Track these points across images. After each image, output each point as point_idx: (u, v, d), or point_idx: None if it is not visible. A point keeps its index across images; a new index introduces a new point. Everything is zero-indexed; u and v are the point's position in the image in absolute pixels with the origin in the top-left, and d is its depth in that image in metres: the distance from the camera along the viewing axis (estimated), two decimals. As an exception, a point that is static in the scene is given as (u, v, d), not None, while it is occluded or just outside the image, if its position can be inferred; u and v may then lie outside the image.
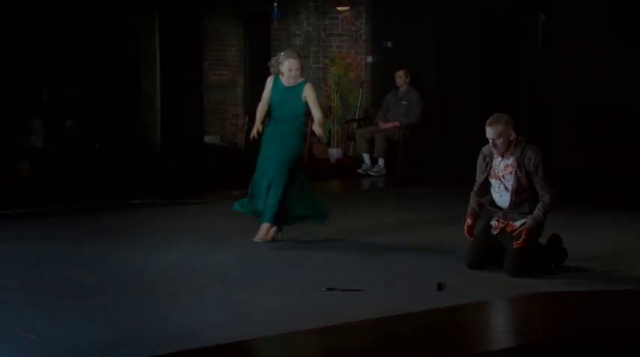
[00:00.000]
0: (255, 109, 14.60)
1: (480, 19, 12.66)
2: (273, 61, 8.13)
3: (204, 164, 12.74)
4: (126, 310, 6.00)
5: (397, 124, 12.48)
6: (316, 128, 8.02)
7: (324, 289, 6.45)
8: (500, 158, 6.99)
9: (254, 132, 8.08)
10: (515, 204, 6.94)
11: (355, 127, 13.37)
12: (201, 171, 12.18)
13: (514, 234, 6.86)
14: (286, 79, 7.99)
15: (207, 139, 14.94)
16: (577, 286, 6.67)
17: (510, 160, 6.93)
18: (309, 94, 7.98)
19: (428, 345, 5.32)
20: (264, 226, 7.96)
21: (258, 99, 15.19)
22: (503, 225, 7.01)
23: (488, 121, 6.98)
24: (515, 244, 6.81)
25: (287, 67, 7.94)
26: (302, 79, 8.06)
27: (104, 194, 10.32)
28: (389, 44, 13.12)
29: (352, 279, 6.79)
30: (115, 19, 14.12)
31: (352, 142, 13.34)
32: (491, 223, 7.09)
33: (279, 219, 7.99)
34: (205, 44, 15.26)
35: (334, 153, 13.44)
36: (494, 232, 7.05)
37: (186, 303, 6.18)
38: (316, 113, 8.01)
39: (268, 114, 8.19)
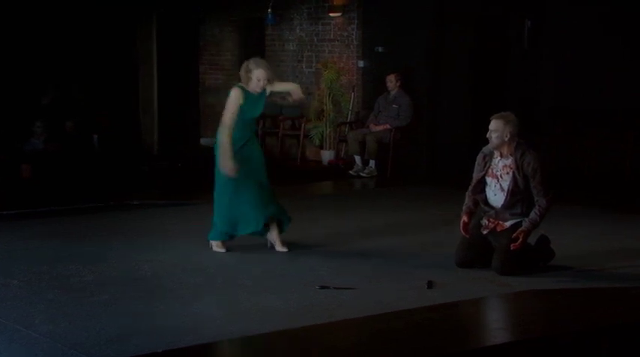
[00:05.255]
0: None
1: (471, 23, 12.80)
2: (243, 68, 7.79)
3: (200, 166, 12.81)
4: (124, 308, 6.03)
5: (388, 126, 12.63)
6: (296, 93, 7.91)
7: (317, 287, 6.54)
8: (499, 158, 7.09)
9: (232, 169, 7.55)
10: (508, 204, 7.03)
11: (347, 129, 13.49)
12: (197, 172, 12.19)
13: (512, 236, 6.91)
14: (253, 88, 7.70)
15: (203, 141, 14.88)
16: (565, 284, 6.77)
17: (509, 161, 7.02)
18: (273, 86, 7.82)
19: (420, 342, 5.36)
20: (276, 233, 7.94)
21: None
22: (493, 225, 7.08)
23: (495, 114, 7.09)
24: (513, 246, 6.88)
25: (256, 77, 7.65)
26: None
27: (103, 195, 10.31)
28: (380, 49, 13.23)
29: (345, 278, 6.87)
30: (114, 24, 14.25)
31: (344, 144, 13.49)
32: (481, 222, 7.16)
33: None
34: (202, 49, 15.38)
35: (326, 155, 13.60)
36: (484, 232, 7.13)
37: (183, 301, 6.24)
38: (289, 87, 8.03)
39: None
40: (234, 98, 7.65)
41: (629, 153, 11.43)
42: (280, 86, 8.02)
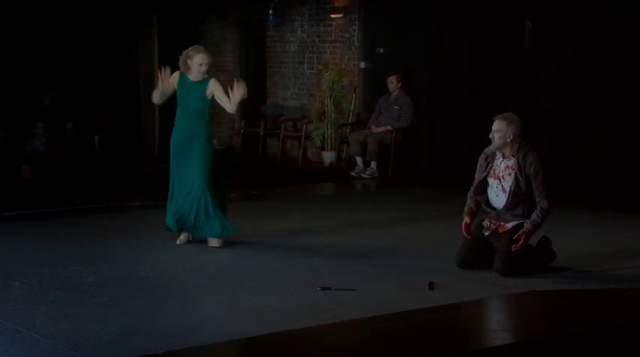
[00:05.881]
0: (250, 112, 14.86)
1: (471, 23, 12.82)
2: (181, 56, 7.84)
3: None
4: (125, 309, 6.04)
5: (389, 127, 12.65)
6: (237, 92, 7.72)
7: (319, 288, 6.53)
8: (501, 159, 7.09)
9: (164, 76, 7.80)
10: (510, 205, 7.03)
11: (348, 130, 13.54)
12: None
13: (514, 237, 6.91)
14: (194, 74, 7.77)
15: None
16: (564, 285, 6.77)
17: (511, 162, 7.03)
18: (215, 89, 7.76)
19: (421, 342, 5.36)
20: (215, 240, 7.88)
21: (254, 103, 15.40)
22: (495, 226, 7.07)
23: (498, 115, 7.11)
24: (514, 247, 6.88)
25: (197, 62, 7.71)
26: (207, 76, 7.80)
27: (103, 196, 10.33)
28: (381, 50, 13.24)
29: (345, 278, 6.86)
30: (115, 25, 14.30)
31: (345, 146, 13.52)
32: (483, 223, 7.15)
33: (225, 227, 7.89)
34: (203, 50, 15.47)
35: (328, 156, 13.60)
36: (486, 233, 7.12)
37: (184, 301, 6.25)
38: (227, 105, 7.78)
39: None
40: (171, 77, 7.87)
41: (629, 153, 11.42)
42: (221, 99, 7.84)
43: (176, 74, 7.89)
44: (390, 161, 12.66)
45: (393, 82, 12.73)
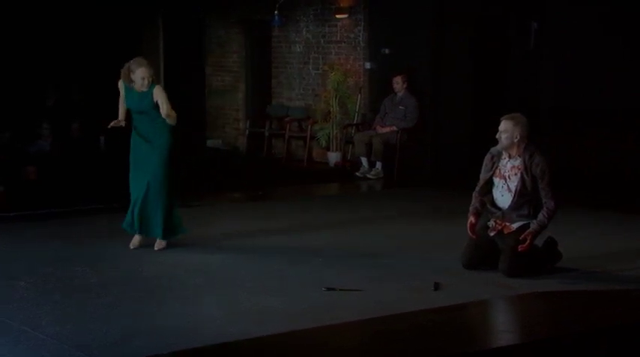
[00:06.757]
0: (255, 114, 14.83)
1: (471, 23, 12.78)
2: (123, 69, 7.95)
3: (207, 167, 12.78)
4: (128, 309, 6.08)
5: (394, 128, 12.64)
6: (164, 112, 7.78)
7: (324, 288, 6.54)
8: (507, 159, 7.12)
9: (114, 123, 7.95)
10: (515, 205, 7.05)
11: (353, 131, 13.52)
12: (203, 174, 12.14)
13: (520, 238, 6.92)
14: (138, 87, 7.85)
15: (210, 143, 15.01)
16: (567, 286, 6.79)
17: (517, 162, 7.05)
18: (158, 95, 7.80)
19: (425, 343, 5.38)
20: (159, 242, 7.90)
21: (259, 104, 15.37)
22: (500, 227, 7.08)
23: (505, 115, 7.15)
24: (520, 247, 6.89)
25: (139, 76, 7.80)
26: (151, 85, 7.85)
27: (106, 197, 10.22)
28: (386, 51, 13.21)
29: (347, 279, 6.85)
30: (120, 26, 14.32)
31: (351, 146, 13.50)
32: (488, 224, 7.15)
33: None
34: (208, 51, 15.39)
35: (333, 157, 13.58)
36: (491, 234, 7.12)
37: (184, 301, 6.28)
38: (164, 109, 7.77)
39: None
40: (119, 88, 8.04)
41: (629, 153, 11.40)
42: (162, 103, 7.82)
43: (121, 83, 7.97)
44: (395, 162, 12.64)
45: (398, 83, 12.72)
